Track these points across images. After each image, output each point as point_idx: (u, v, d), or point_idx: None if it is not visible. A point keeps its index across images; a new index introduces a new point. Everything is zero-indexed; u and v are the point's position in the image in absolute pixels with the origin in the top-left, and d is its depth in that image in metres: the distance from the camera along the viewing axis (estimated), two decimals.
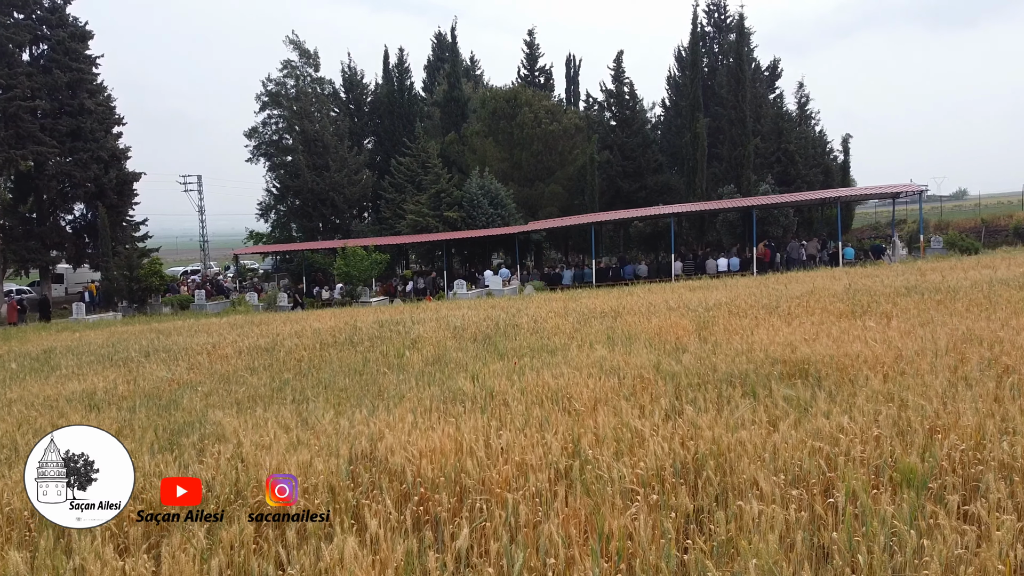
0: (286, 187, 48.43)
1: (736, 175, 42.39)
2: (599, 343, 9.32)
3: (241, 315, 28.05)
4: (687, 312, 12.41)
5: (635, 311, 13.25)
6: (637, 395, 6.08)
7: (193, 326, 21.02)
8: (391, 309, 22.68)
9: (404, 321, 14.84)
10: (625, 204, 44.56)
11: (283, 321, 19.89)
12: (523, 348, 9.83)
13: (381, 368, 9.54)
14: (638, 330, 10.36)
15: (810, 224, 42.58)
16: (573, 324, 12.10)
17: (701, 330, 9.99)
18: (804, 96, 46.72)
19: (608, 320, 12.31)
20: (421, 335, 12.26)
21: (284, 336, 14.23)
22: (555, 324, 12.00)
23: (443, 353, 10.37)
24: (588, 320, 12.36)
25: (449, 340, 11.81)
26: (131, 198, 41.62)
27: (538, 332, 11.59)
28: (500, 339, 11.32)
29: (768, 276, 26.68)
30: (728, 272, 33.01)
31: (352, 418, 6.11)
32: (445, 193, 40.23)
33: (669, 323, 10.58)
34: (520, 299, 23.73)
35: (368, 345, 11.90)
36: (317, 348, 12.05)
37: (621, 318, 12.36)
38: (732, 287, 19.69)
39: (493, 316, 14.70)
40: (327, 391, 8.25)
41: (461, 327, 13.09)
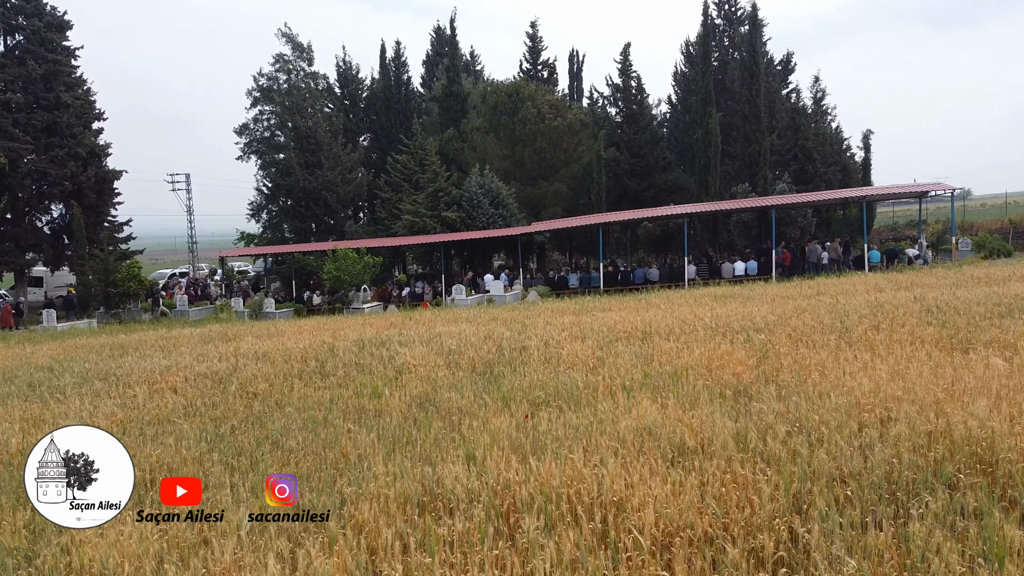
0: (277, 186, 46.27)
1: (750, 173, 40.18)
2: (637, 386, 7.12)
3: (220, 324, 25.86)
4: (730, 334, 10.21)
5: (666, 331, 11.05)
6: (736, 515, 3.78)
7: (159, 339, 18.85)
8: (382, 320, 20.50)
9: (391, 341, 12.64)
10: (632, 204, 42.35)
11: (258, 335, 17.71)
12: (534, 389, 7.64)
13: (350, 413, 7.35)
14: (680, 363, 8.16)
15: (828, 225, 40.37)
16: (594, 349, 9.90)
17: (762, 364, 7.78)
18: (820, 91, 44.49)
19: (636, 344, 10.11)
20: (407, 362, 10.06)
21: (248, 359, 12.04)
22: (572, 350, 9.80)
23: (432, 391, 8.18)
24: (612, 344, 10.16)
25: (441, 369, 9.62)
26: (112, 197, 39.43)
27: (551, 361, 9.40)
28: (504, 369, 9.14)
29: (794, 282, 24.47)
30: (746, 277, 30.84)
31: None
32: (443, 192, 38.03)
33: (717, 354, 8.38)
34: (525, 308, 21.53)
35: (342, 375, 9.71)
36: (279, 379, 9.86)
37: (651, 342, 10.16)
38: (764, 297, 17.49)
39: (495, 334, 12.51)
40: (271, 453, 6.05)
41: (457, 350, 10.90)
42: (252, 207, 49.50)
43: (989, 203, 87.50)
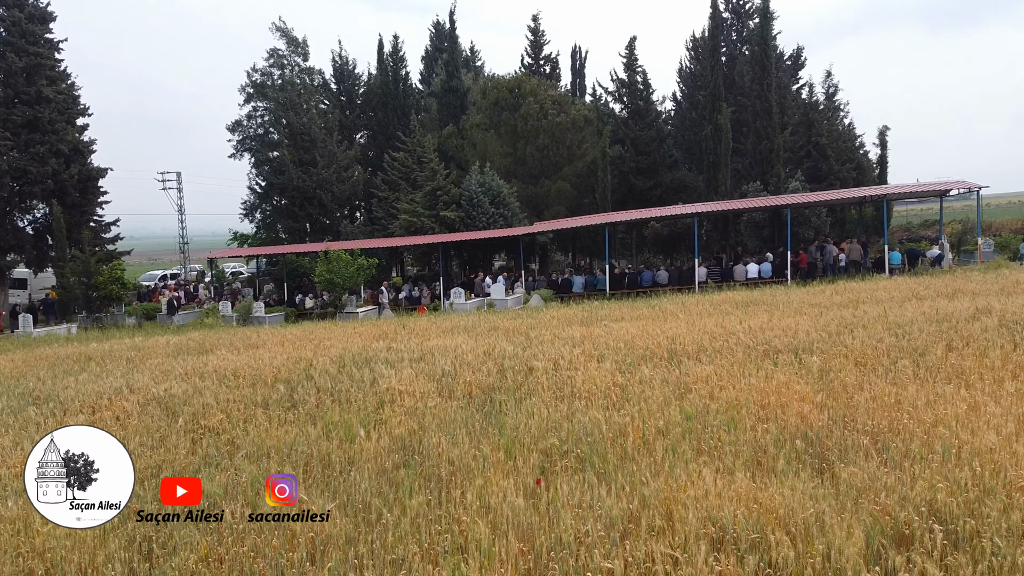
0: (270, 184, 44.68)
1: (762, 171, 38.58)
2: (678, 433, 5.56)
3: (204, 331, 24.31)
4: (772, 353, 8.64)
5: (694, 349, 9.49)
6: None
7: (131, 350, 17.31)
8: (373, 327, 18.93)
9: (376, 358, 11.07)
10: (638, 203, 40.78)
11: (236, 346, 16.16)
12: (546, 432, 6.08)
13: (312, 466, 5.78)
14: (726, 398, 6.60)
15: (843, 225, 38.78)
16: (613, 374, 8.33)
17: (830, 400, 6.21)
18: (832, 86, 42.89)
19: (663, 367, 8.54)
20: (392, 389, 8.49)
21: (213, 379, 10.48)
22: (587, 375, 8.22)
23: (419, 431, 6.62)
24: (634, 367, 8.58)
25: (432, 397, 8.06)
26: (97, 196, 37.82)
27: (564, 389, 7.84)
28: (507, 399, 7.58)
29: (816, 287, 22.88)
30: (759, 279, 29.27)
31: None
32: (442, 191, 36.45)
33: (771, 386, 6.80)
34: (527, 314, 19.95)
35: (313, 406, 8.15)
36: (240, 408, 8.30)
37: (681, 364, 8.59)
38: (792, 305, 15.90)
39: (497, 350, 10.95)
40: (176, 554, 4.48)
41: (451, 372, 9.34)
42: (245, 206, 47.98)
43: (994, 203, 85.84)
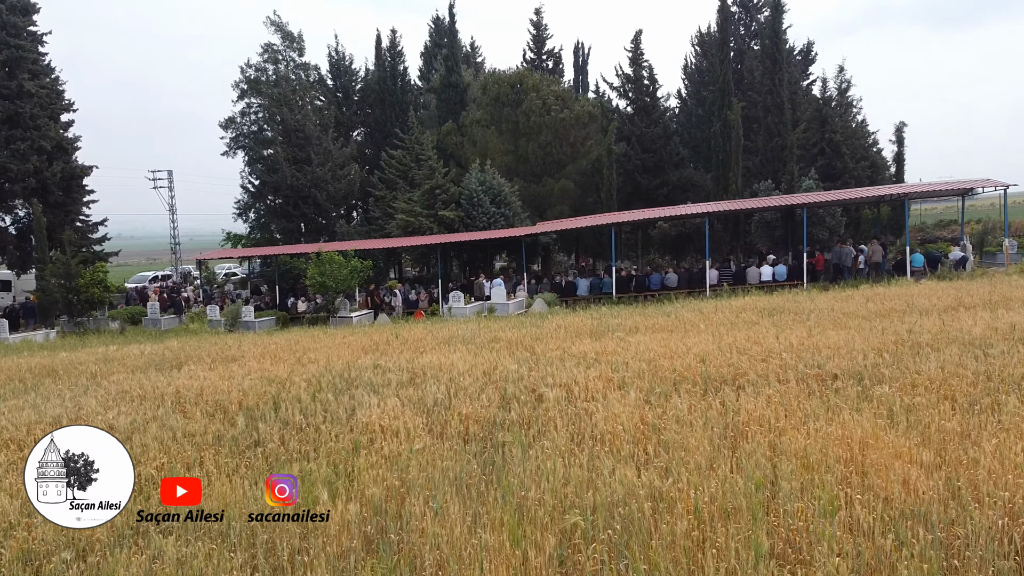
0: (264, 183, 43.18)
1: (773, 169, 37.12)
2: (740, 508, 4.08)
3: (186, 338, 22.87)
4: (829, 382, 7.15)
5: (731, 373, 8.01)
6: None
7: (99, 361, 15.86)
8: (364, 336, 17.47)
9: (360, 379, 9.61)
10: (644, 202, 39.32)
11: (212, 358, 14.69)
12: (562, 499, 4.61)
13: (253, 555, 4.30)
14: (792, 448, 5.10)
15: (858, 225, 37.27)
16: (640, 408, 6.84)
17: (938, 457, 4.72)
18: (845, 81, 41.27)
19: (699, 399, 7.05)
20: (373, 424, 7.02)
21: (170, 405, 9.00)
22: (608, 411, 6.73)
23: (400, 488, 5.15)
24: (666, 399, 7.09)
25: (420, 437, 6.59)
26: (82, 195, 36.41)
27: (582, 429, 6.35)
28: (512, 441, 6.10)
29: (841, 292, 21.39)
30: (773, 282, 27.77)
31: None
32: (441, 189, 34.97)
33: (850, 434, 5.31)
34: (531, 322, 18.49)
35: (273, 449, 6.66)
36: (187, 451, 6.82)
37: (720, 394, 7.10)
38: (824, 314, 14.42)
39: (499, 371, 9.49)
40: None
41: (445, 402, 7.85)
42: (238, 206, 46.51)
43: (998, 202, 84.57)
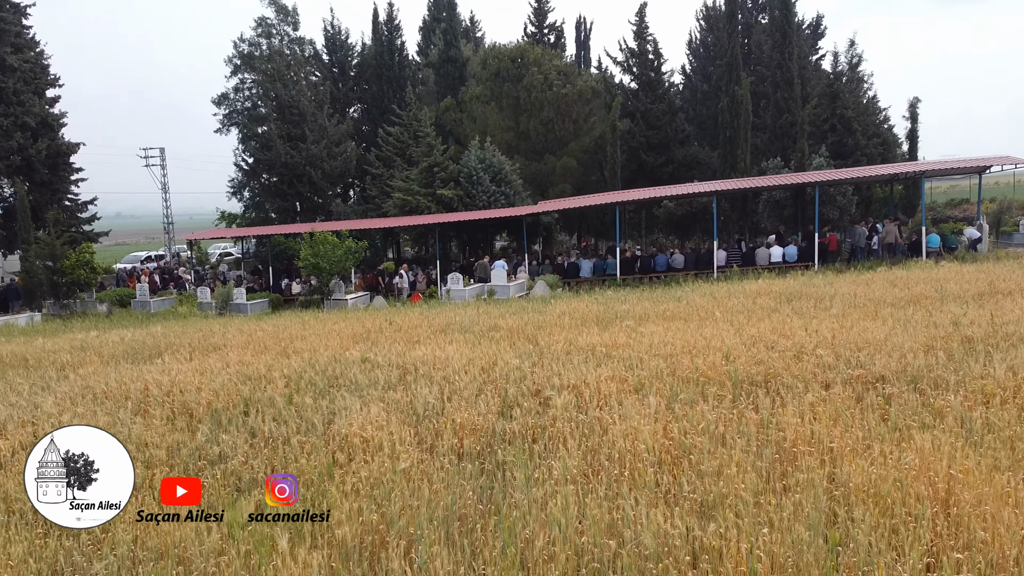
0: (258, 161, 42.07)
1: (782, 147, 35.97)
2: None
3: (172, 323, 21.93)
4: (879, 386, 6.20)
5: (761, 372, 7.05)
6: None
7: (75, 349, 14.94)
8: (356, 322, 16.53)
9: (345, 375, 8.68)
10: (648, 180, 38.23)
11: (193, 347, 13.76)
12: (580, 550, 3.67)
13: None
14: (859, 480, 4.15)
15: (868, 204, 36.19)
16: (663, 417, 5.88)
17: None
18: (856, 56, 39.99)
19: (729, 407, 6.09)
20: (353, 436, 6.07)
21: (131, 407, 8.07)
22: (630, 426, 5.77)
23: (378, 528, 4.22)
24: (691, 407, 6.13)
25: (406, 452, 5.64)
26: (69, 173, 35.33)
27: (596, 447, 5.40)
28: (513, 461, 5.16)
29: (861, 275, 20.42)
30: (784, 264, 26.81)
31: None
32: (439, 167, 33.86)
33: (930, 464, 4.36)
34: (533, 307, 17.53)
35: (234, 469, 5.72)
36: (137, 469, 5.86)
37: (752, 399, 6.14)
38: (847, 300, 13.44)
39: (498, 368, 8.54)
40: None
41: (437, 407, 6.91)
42: (232, 184, 45.41)
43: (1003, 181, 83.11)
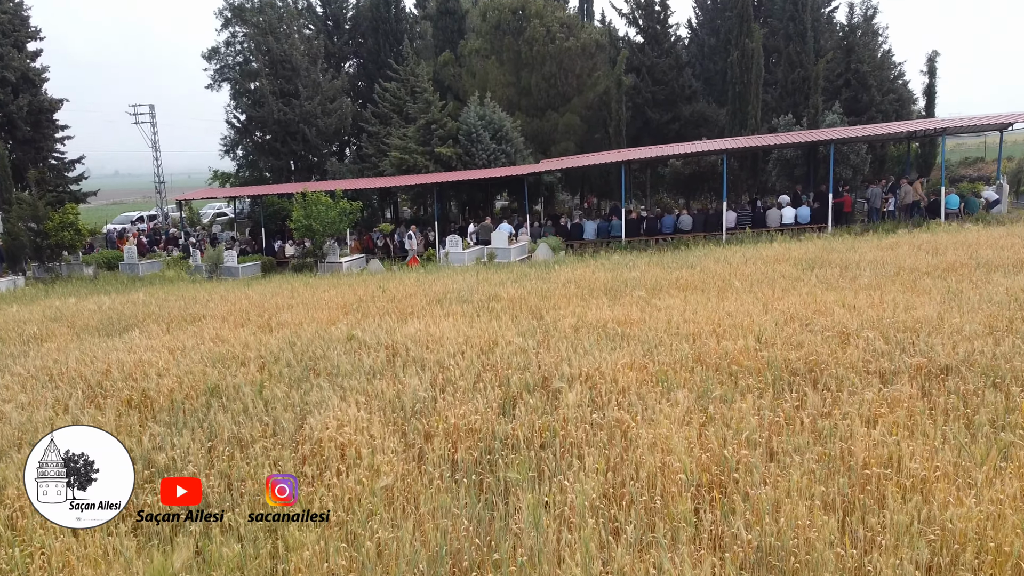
0: (250, 118, 40.66)
1: (793, 103, 34.57)
2: None
3: (156, 288, 20.98)
4: (949, 380, 5.25)
5: (806, 361, 6.09)
6: None
7: (44, 320, 14.04)
8: (348, 289, 15.57)
9: (327, 360, 7.75)
10: (654, 138, 36.91)
11: (171, 318, 12.84)
12: None
13: None
14: (964, 528, 3.22)
15: (882, 163, 34.93)
16: (696, 418, 4.94)
17: None
18: (871, 7, 38.24)
19: (773, 408, 5.14)
20: (329, 439, 5.14)
21: (83, 393, 7.15)
22: (659, 433, 4.83)
23: None
24: (728, 405, 5.18)
25: (389, 462, 4.72)
26: (53, 131, 34.05)
27: (618, 466, 4.48)
28: (516, 476, 4.25)
29: (879, 238, 19.38)
30: (796, 225, 25.74)
31: None
32: (437, 124, 32.55)
33: None
34: (536, 273, 16.56)
35: (193, 472, 4.80)
36: None
37: (796, 396, 5.20)
38: (876, 266, 12.45)
39: (498, 350, 7.59)
40: None
41: (428, 400, 5.97)
42: (225, 143, 44.03)
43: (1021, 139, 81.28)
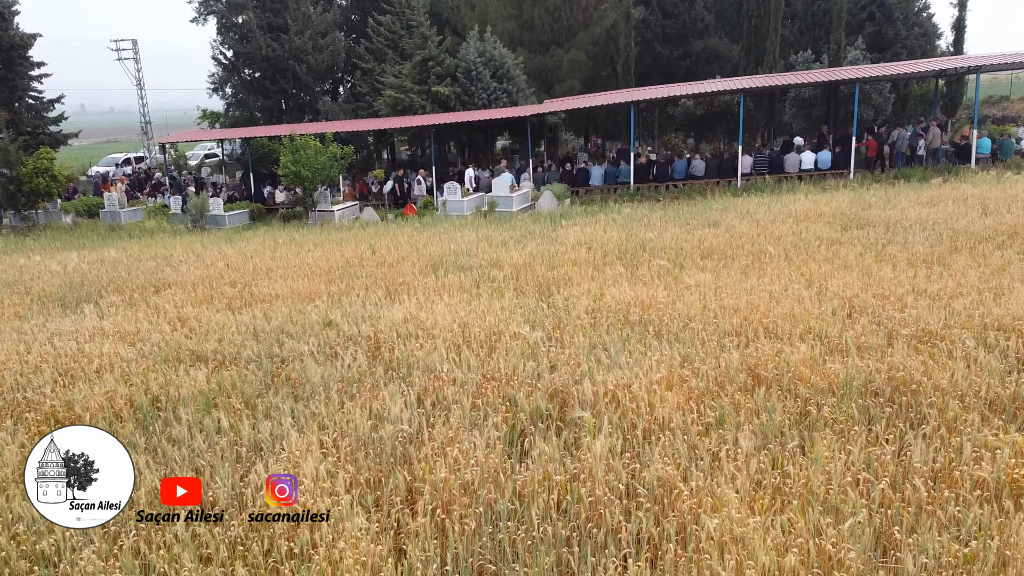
0: (237, 55, 38.52)
1: (812, 38, 32.51)
2: None
3: (136, 241, 19.63)
4: None
5: (900, 379, 4.82)
6: None
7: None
8: (337, 249, 14.24)
9: (296, 355, 6.49)
10: (663, 76, 34.88)
11: (132, 291, 11.55)
12: None
13: None
14: None
15: (904, 103, 33.01)
16: (768, 481, 3.68)
17: None
18: None
19: (862, 453, 3.88)
20: (274, 511, 3.92)
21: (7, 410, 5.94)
22: (728, 520, 3.57)
23: None
24: (809, 461, 3.92)
25: (354, 553, 3.46)
26: (28, 68, 32.12)
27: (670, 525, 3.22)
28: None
29: (910, 188, 17.87)
30: (816, 171, 24.16)
31: None
32: (434, 61, 30.56)
33: None
34: (541, 230, 15.19)
35: None
36: None
37: (904, 439, 3.93)
38: (930, 229, 11.07)
39: (504, 340, 6.33)
40: None
41: (413, 443, 4.72)
42: (212, 80, 41.93)
43: None
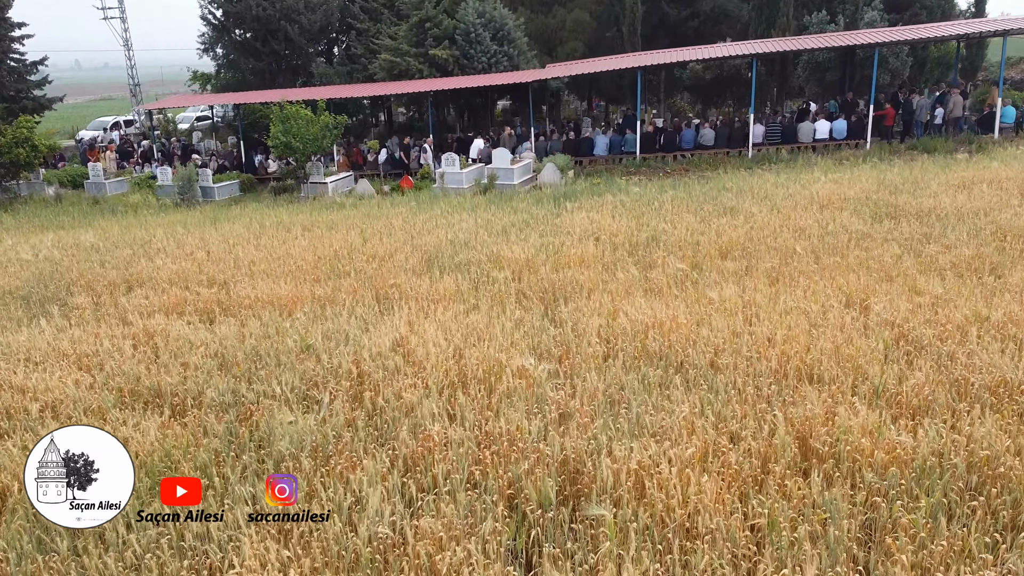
0: (226, 14, 36.98)
1: None
2: None
3: (118, 219, 18.67)
4: None
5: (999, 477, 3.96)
6: None
7: None
8: (324, 236, 13.32)
9: (261, 404, 5.65)
10: (670, 37, 33.44)
11: (106, 283, 10.67)
12: None
13: None
14: None
15: (922, 67, 31.67)
16: None
17: None
18: None
19: None
20: None
21: None
22: None
23: None
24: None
25: None
26: (6, 29, 30.69)
27: None
28: None
29: (936, 163, 16.82)
30: (831, 140, 23.05)
31: None
32: (432, 23, 29.14)
33: None
34: (547, 217, 14.25)
35: None
36: None
37: None
38: (966, 219, 10.14)
39: (502, 387, 5.48)
40: None
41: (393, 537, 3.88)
42: (203, 41, 40.40)
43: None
